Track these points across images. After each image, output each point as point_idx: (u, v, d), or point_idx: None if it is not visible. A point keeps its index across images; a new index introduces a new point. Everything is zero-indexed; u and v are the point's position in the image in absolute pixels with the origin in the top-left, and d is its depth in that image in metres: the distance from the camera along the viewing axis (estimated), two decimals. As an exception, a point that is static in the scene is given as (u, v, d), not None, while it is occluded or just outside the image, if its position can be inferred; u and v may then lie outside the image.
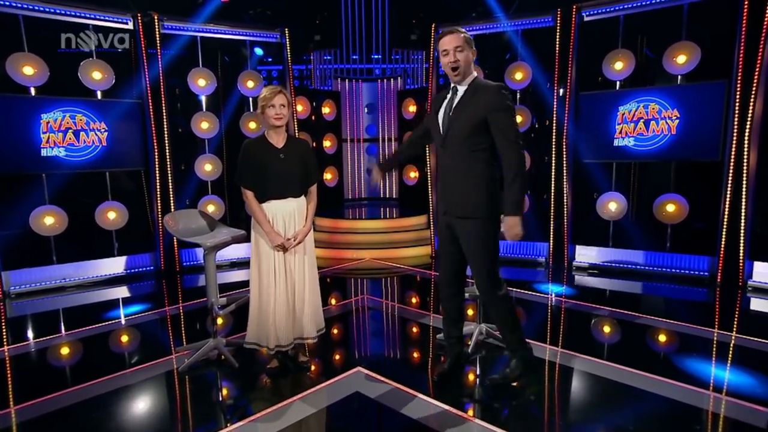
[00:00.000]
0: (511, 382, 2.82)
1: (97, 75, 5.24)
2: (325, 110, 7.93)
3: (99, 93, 5.34)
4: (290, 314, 2.95)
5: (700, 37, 4.84)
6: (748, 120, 4.51)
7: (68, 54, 5.23)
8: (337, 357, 3.43)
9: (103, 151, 5.29)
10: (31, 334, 3.99)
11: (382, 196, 9.01)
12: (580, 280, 5.21)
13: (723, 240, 4.77)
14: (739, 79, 4.53)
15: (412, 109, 7.83)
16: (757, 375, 2.95)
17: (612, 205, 5.46)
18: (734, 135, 4.60)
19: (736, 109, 4.57)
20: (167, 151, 5.55)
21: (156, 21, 5.40)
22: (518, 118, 5.27)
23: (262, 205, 2.90)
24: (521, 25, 5.74)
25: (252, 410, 2.63)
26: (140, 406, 2.74)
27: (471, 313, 3.87)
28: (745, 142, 4.55)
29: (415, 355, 3.49)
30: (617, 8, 5.18)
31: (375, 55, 9.51)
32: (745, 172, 4.58)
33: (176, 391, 2.94)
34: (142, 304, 4.56)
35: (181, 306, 4.54)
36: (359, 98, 8.72)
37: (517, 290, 4.70)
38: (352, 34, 9.44)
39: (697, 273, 5.05)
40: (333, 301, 4.60)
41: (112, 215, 5.45)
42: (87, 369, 3.27)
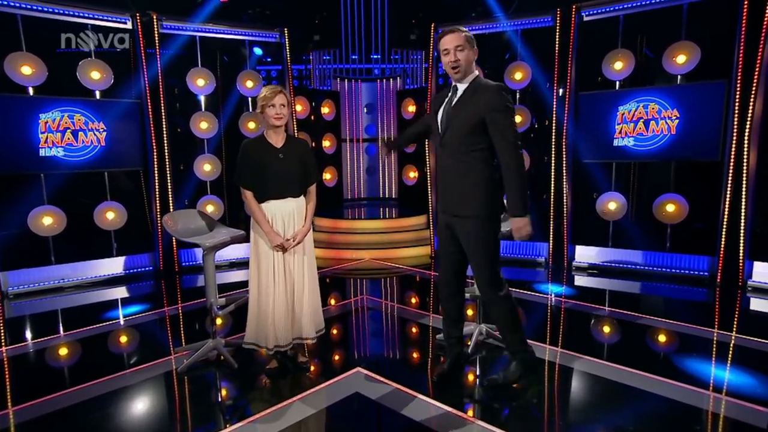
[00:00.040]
0: (511, 383, 2.79)
1: (95, 75, 5.23)
2: (325, 110, 7.92)
3: (98, 93, 5.32)
4: (289, 314, 2.94)
5: (700, 37, 4.84)
6: (748, 120, 4.51)
7: (67, 54, 5.22)
8: (337, 357, 3.43)
9: (101, 151, 5.28)
10: (29, 335, 3.98)
11: (382, 196, 8.99)
12: (580, 280, 5.20)
13: (723, 240, 4.77)
14: (739, 79, 4.52)
15: (412, 109, 7.82)
16: (756, 375, 2.94)
17: (612, 205, 5.45)
18: (734, 135, 4.60)
19: (736, 108, 4.57)
20: (166, 151, 5.54)
21: (155, 21, 5.39)
22: (518, 118, 5.28)
23: (262, 205, 2.89)
24: (521, 25, 5.74)
25: (251, 411, 2.62)
26: (139, 407, 2.74)
27: (471, 313, 3.87)
28: (745, 142, 4.55)
29: (415, 355, 3.49)
30: (617, 8, 5.18)
31: (374, 55, 9.50)
32: (744, 172, 4.58)
33: (175, 392, 2.93)
34: (141, 305, 4.54)
35: (180, 306, 4.53)
36: (358, 98, 8.71)
37: (517, 290, 4.69)
38: (352, 34, 9.43)
39: (696, 273, 5.05)
40: (332, 302, 4.59)
41: (110, 215, 5.44)
42: (86, 370, 3.26)
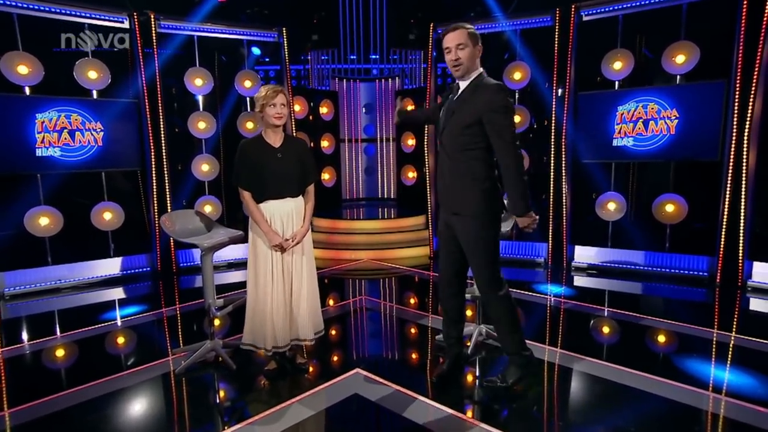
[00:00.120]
0: (509, 385, 2.76)
1: (92, 74, 5.20)
2: (323, 110, 7.91)
3: (95, 92, 5.30)
4: (287, 315, 2.91)
5: (699, 37, 4.84)
6: (748, 120, 4.51)
7: (63, 53, 5.19)
8: (336, 358, 3.41)
9: (99, 151, 5.25)
10: (26, 336, 3.95)
11: (380, 196, 8.98)
12: (579, 281, 5.19)
13: (722, 240, 4.76)
14: (738, 79, 4.52)
15: (411, 109, 7.77)
16: (756, 375, 2.93)
17: (611, 205, 5.45)
18: (733, 135, 4.60)
19: (736, 108, 4.56)
20: (164, 151, 5.51)
21: (152, 20, 5.37)
22: (517, 118, 5.26)
23: (260, 205, 2.87)
24: (520, 25, 5.73)
25: (250, 412, 2.60)
26: (137, 409, 2.71)
27: (470, 314, 3.85)
28: (745, 142, 4.54)
29: (414, 356, 3.47)
30: (616, 8, 5.17)
31: (373, 55, 9.49)
32: (744, 172, 4.57)
33: (173, 394, 2.92)
34: (139, 306, 4.52)
35: (178, 307, 4.50)
36: (357, 98, 8.70)
37: (516, 291, 4.68)
38: (350, 34, 9.42)
39: (696, 273, 5.04)
40: (331, 302, 4.58)
41: (108, 216, 5.41)
42: (83, 371, 3.23)
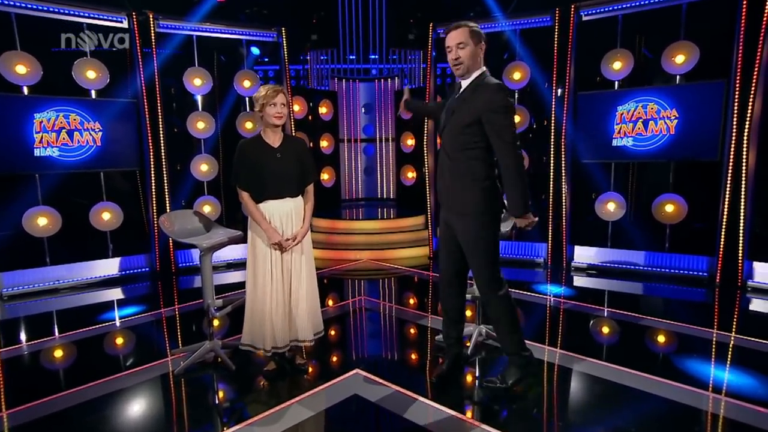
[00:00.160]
0: (509, 386, 2.74)
1: (91, 74, 5.18)
2: (322, 110, 7.90)
3: (93, 92, 5.28)
4: (287, 315, 2.90)
5: (699, 37, 4.84)
6: (747, 119, 4.51)
7: (62, 53, 5.18)
8: (335, 359, 3.40)
9: (97, 151, 5.24)
10: (24, 337, 3.94)
11: (380, 196, 8.97)
12: (579, 281, 5.19)
13: (722, 240, 4.76)
14: (738, 79, 4.52)
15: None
16: (756, 375, 2.93)
17: (611, 206, 5.44)
18: (733, 135, 4.59)
19: (735, 108, 4.56)
20: (163, 151, 5.50)
21: (151, 20, 5.35)
22: (516, 118, 5.25)
23: (259, 205, 2.86)
24: (519, 25, 5.73)
25: (249, 413, 2.59)
26: (135, 410, 2.70)
27: (470, 314, 3.84)
28: (744, 142, 4.54)
29: (414, 357, 3.46)
30: (616, 8, 5.17)
31: (372, 55, 9.48)
32: (744, 172, 4.57)
33: (172, 394, 2.91)
34: (138, 306, 4.51)
35: (176, 308, 4.49)
36: (356, 98, 8.69)
37: (516, 291, 4.67)
38: (350, 34, 9.40)
39: (696, 273, 5.04)
40: (330, 303, 4.57)
41: (106, 216, 5.39)
42: (82, 372, 3.22)
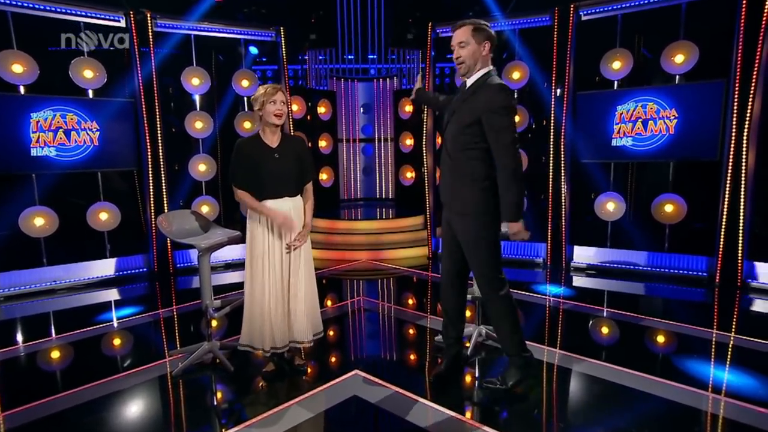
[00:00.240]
0: (509, 387, 2.72)
1: (88, 73, 5.15)
2: (321, 110, 7.88)
3: (90, 92, 5.25)
4: (285, 316, 2.88)
5: (699, 37, 4.83)
6: (747, 119, 4.50)
7: (59, 52, 5.14)
8: (334, 360, 3.38)
9: (94, 151, 5.21)
10: (20, 338, 3.91)
11: (379, 196, 8.96)
12: (578, 281, 5.18)
13: (721, 240, 4.75)
14: (738, 79, 4.51)
15: (409, 109, 7.77)
16: (756, 376, 2.92)
17: (610, 205, 5.43)
18: (732, 134, 4.59)
19: (735, 108, 4.55)
20: (160, 151, 5.47)
21: (149, 19, 5.33)
22: (516, 118, 5.24)
23: (259, 205, 2.85)
24: (518, 24, 5.71)
25: (247, 415, 2.57)
26: (133, 411, 2.68)
27: (470, 314, 3.82)
28: (744, 142, 4.54)
29: (413, 357, 3.44)
30: (615, 7, 5.16)
31: (371, 55, 9.46)
32: (743, 172, 4.57)
33: (170, 396, 2.88)
34: (135, 307, 4.48)
35: (174, 308, 4.47)
36: (355, 98, 8.68)
37: (515, 291, 4.64)
38: (348, 34, 9.39)
39: (695, 273, 5.03)
40: (329, 303, 4.55)
41: (104, 216, 5.37)
42: (79, 373, 3.20)
